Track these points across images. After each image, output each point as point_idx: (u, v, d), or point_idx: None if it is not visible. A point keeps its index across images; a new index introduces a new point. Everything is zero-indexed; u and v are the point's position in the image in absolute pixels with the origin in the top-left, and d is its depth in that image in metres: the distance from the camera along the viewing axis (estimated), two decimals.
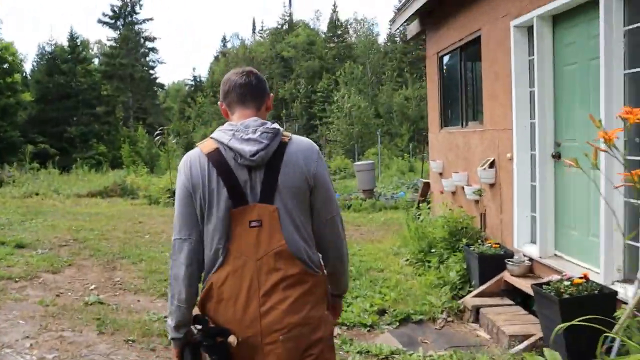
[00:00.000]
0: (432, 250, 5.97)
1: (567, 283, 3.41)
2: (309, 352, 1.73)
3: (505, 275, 4.76)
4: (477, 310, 4.61)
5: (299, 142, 1.80)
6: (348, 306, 4.79)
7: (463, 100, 6.23)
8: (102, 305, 4.81)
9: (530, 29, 4.51)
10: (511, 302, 4.68)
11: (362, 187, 13.46)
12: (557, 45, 4.21)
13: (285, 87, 41.70)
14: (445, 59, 6.80)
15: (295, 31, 46.73)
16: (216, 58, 53.12)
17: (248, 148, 1.67)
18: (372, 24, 59.58)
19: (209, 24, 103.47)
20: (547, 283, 3.56)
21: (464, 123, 6.26)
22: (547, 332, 3.52)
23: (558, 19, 4.17)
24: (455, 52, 6.32)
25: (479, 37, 5.44)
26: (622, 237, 3.55)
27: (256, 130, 1.71)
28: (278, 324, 1.67)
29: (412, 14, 6.73)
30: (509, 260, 4.71)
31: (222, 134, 1.74)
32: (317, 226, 1.81)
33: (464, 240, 5.41)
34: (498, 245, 5.02)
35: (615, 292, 3.33)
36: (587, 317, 2.11)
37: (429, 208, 7.52)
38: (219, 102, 1.92)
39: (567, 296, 3.30)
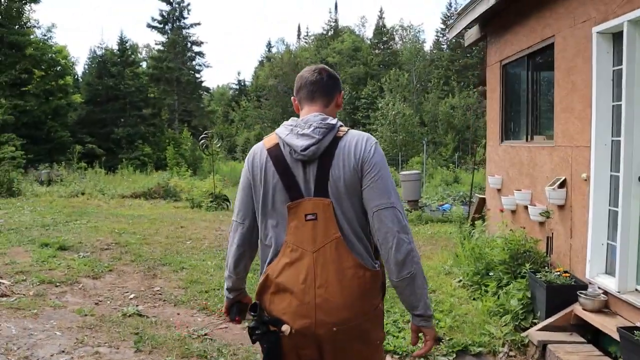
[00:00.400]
0: (490, 274, 5.52)
1: None
2: (356, 343, 1.77)
3: (576, 309, 4.29)
4: (543, 346, 4.15)
5: (353, 134, 1.79)
6: (400, 332, 4.43)
7: (529, 112, 5.75)
8: (141, 318, 4.60)
9: (616, 36, 4.05)
10: (582, 339, 4.21)
11: (407, 198, 13.04)
12: None
13: None
14: (509, 67, 6.34)
15: (340, 37, 46.55)
16: (261, 63, 53.55)
17: (300, 143, 1.72)
18: (419, 31, 58.67)
19: (255, 29, 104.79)
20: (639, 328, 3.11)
21: (529, 137, 5.79)
22: None
23: None
24: (521, 61, 5.86)
25: (551, 44, 4.98)
26: None
27: (311, 125, 1.75)
28: (333, 317, 1.70)
29: (473, 19, 6.31)
30: (582, 293, 4.24)
31: (283, 129, 1.81)
32: (369, 219, 1.75)
33: (528, 266, 4.95)
34: (568, 275, 4.54)
35: None
36: None
37: (484, 225, 7.06)
38: (292, 97, 1.98)
39: None
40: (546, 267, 4.94)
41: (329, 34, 49.47)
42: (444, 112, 35.14)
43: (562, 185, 4.85)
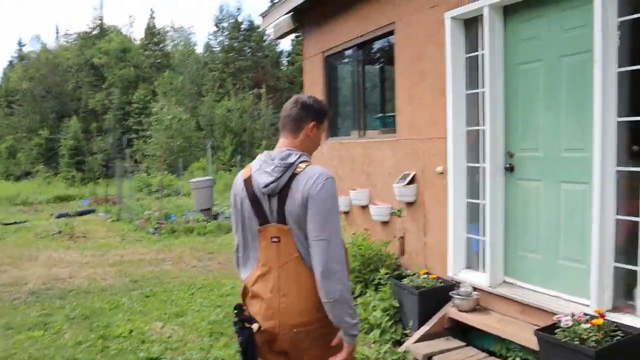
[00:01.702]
0: None
1: (585, 326, 2.73)
2: (315, 345, 1.99)
3: (450, 311, 4.02)
4: (429, 359, 3.78)
5: (308, 172, 1.92)
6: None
7: (361, 106, 5.41)
8: None
9: (468, 22, 3.86)
10: (461, 342, 3.95)
11: (199, 207, 12.08)
12: (511, 40, 3.60)
13: (95, 97, 37.59)
14: (334, 59, 5.93)
15: (107, 36, 42.53)
16: (11, 63, 45.83)
17: (262, 180, 1.96)
18: (190, 34, 56.79)
19: (1, 25, 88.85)
20: (555, 326, 2.87)
21: (362, 133, 5.46)
22: None
23: (510, 10, 3.57)
24: (350, 51, 5.49)
25: (391, 31, 4.67)
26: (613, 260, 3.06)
27: (273, 163, 1.96)
28: (293, 320, 1.96)
29: (292, 9, 5.75)
30: (455, 294, 3.98)
31: (256, 162, 2.06)
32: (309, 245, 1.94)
33: (383, 271, 4.57)
34: (434, 276, 4.26)
35: None
36: None
37: None
38: None
39: (598, 346, 2.62)
40: (399, 270, 4.64)
41: (94, 32, 44.70)
42: (221, 115, 34.67)
43: (412, 180, 4.58)
